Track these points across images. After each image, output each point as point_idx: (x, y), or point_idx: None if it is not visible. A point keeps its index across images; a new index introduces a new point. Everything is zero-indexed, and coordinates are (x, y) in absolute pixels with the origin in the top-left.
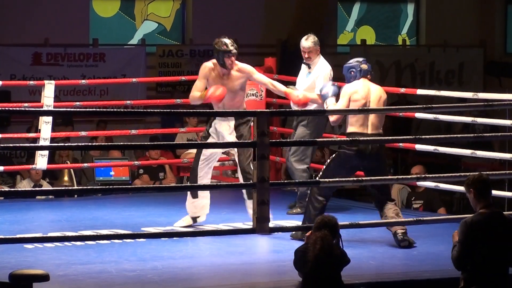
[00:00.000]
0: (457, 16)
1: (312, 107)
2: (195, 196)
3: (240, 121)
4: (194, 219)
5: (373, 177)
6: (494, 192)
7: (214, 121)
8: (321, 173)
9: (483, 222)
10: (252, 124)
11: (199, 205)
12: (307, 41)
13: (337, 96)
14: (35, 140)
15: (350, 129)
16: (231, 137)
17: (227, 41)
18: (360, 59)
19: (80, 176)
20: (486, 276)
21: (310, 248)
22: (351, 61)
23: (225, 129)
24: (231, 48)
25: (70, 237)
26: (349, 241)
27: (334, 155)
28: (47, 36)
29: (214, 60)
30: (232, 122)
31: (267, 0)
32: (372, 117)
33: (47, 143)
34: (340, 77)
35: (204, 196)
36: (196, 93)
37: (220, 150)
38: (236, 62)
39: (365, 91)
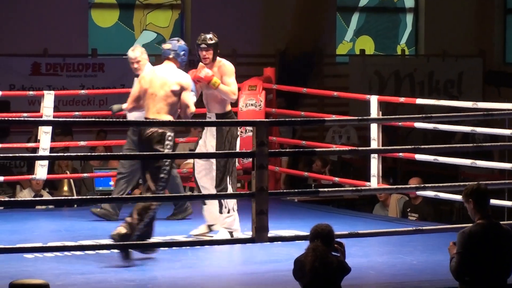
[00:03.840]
0: (456, 25)
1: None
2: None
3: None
4: (210, 226)
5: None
6: (494, 201)
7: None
8: None
9: (481, 233)
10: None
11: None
12: (135, 52)
13: None
14: (35, 150)
15: None
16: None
17: (203, 35)
18: (175, 38)
19: (79, 186)
20: (484, 287)
21: (304, 261)
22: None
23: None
24: (199, 42)
25: (70, 246)
26: (349, 251)
27: None
28: (46, 46)
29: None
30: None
31: (266, 10)
32: (156, 102)
33: (47, 153)
34: None
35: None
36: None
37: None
38: (221, 59)
39: (149, 77)
